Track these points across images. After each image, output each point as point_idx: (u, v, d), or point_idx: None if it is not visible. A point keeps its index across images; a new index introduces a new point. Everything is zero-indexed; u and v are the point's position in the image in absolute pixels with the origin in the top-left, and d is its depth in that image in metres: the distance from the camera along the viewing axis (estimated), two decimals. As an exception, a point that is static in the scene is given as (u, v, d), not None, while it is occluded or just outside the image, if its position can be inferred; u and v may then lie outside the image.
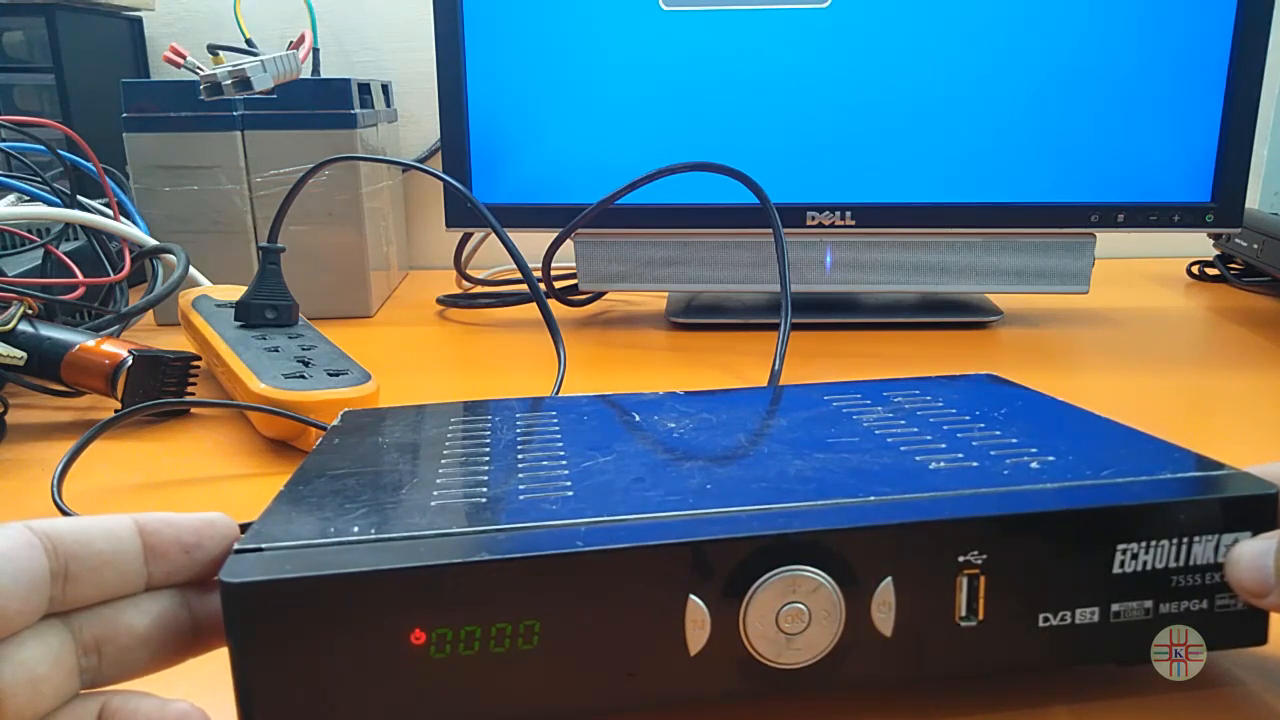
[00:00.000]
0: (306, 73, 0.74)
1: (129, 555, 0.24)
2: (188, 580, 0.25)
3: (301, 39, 0.74)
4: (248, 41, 0.80)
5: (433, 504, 0.28)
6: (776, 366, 0.54)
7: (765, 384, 0.54)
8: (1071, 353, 0.66)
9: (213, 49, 0.71)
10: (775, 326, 0.58)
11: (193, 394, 0.55)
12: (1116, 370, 0.62)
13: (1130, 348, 0.67)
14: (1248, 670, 0.29)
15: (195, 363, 0.55)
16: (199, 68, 0.68)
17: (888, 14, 0.68)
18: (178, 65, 0.68)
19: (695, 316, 0.75)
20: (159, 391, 0.54)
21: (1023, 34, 0.67)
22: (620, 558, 0.25)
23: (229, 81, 0.67)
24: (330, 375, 0.51)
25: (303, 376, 0.50)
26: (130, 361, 0.52)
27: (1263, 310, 0.77)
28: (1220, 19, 0.66)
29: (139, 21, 0.96)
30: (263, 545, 0.25)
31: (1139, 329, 0.72)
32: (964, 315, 0.74)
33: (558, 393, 0.55)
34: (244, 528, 0.27)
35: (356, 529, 0.26)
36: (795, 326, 0.68)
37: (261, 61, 0.68)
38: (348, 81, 0.75)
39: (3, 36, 0.82)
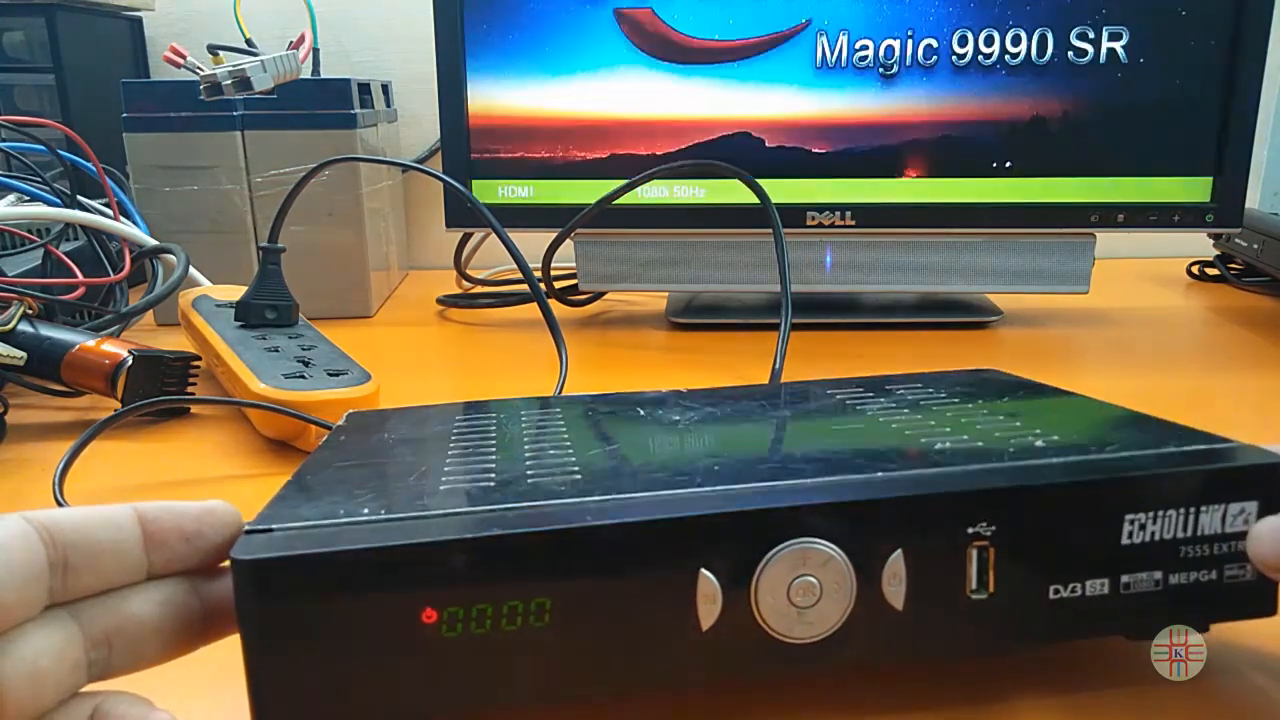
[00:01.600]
0: (306, 73, 0.74)
1: (128, 543, 0.24)
2: (189, 569, 0.25)
3: (301, 39, 0.74)
4: (248, 41, 0.80)
5: (442, 488, 0.28)
6: (777, 366, 0.54)
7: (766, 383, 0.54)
8: (1071, 353, 0.66)
9: (213, 49, 0.71)
10: (775, 326, 0.58)
11: (193, 394, 0.55)
12: (1116, 370, 0.62)
13: (1130, 348, 0.67)
14: (1250, 666, 0.29)
15: (195, 363, 0.55)
16: (199, 68, 0.68)
17: (888, 12, 0.68)
18: (178, 65, 0.67)
19: (695, 316, 0.75)
20: (159, 391, 0.53)
21: (1022, 33, 0.67)
22: (631, 532, 0.25)
23: (229, 81, 0.67)
24: (330, 375, 0.51)
25: (303, 376, 0.50)
26: (130, 361, 0.52)
27: (1263, 310, 0.77)
28: (1220, 19, 0.66)
29: (139, 21, 0.96)
30: (273, 526, 0.25)
31: (1139, 329, 0.72)
32: (964, 315, 0.74)
33: (560, 392, 0.55)
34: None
35: (366, 511, 0.26)
36: (795, 326, 0.67)
37: (261, 61, 0.68)
38: (348, 81, 0.75)
39: (3, 36, 0.82)
